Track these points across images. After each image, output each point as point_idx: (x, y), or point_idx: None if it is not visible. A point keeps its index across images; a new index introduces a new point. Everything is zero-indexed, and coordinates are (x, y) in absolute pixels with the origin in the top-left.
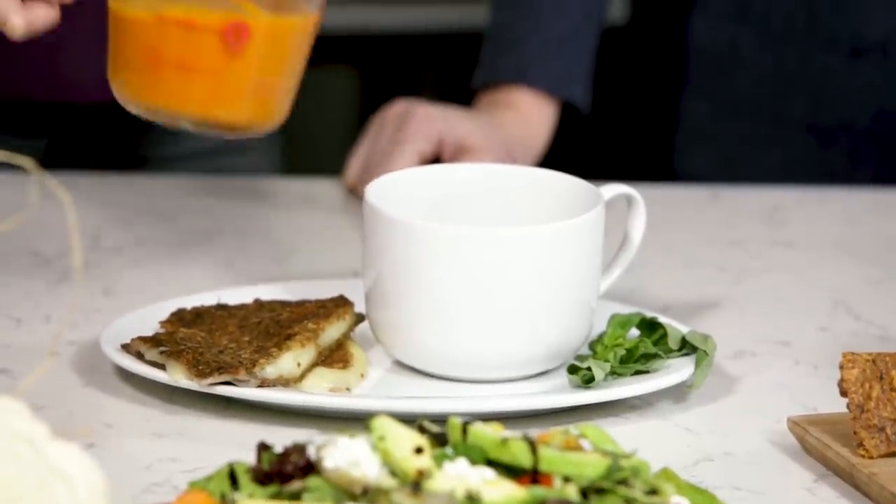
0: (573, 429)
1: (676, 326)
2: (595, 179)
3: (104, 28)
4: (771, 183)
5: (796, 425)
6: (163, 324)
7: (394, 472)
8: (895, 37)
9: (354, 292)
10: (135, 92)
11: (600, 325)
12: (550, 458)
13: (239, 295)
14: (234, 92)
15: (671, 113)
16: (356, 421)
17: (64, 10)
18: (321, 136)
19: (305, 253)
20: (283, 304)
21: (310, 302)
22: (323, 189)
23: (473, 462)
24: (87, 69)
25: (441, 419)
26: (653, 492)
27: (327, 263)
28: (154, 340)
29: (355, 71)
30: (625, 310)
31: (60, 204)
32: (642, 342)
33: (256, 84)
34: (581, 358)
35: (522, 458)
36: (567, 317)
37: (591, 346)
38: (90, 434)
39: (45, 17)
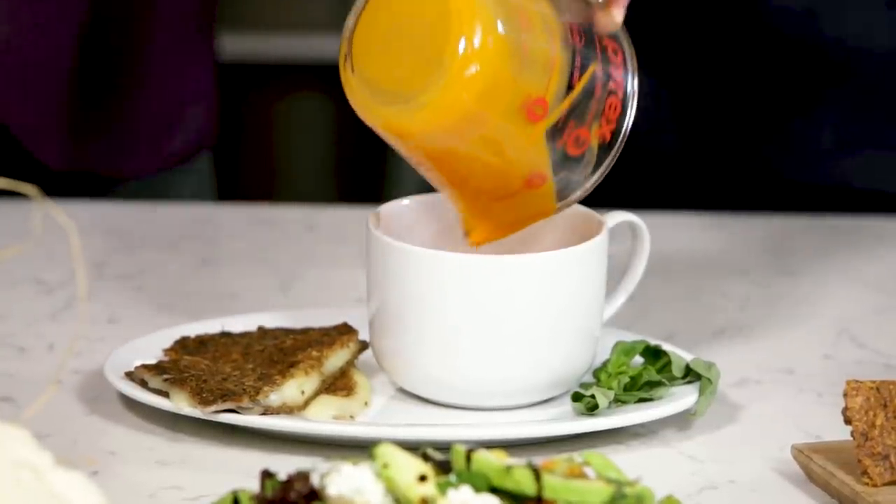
0: (577, 456)
1: (680, 354)
2: (598, 207)
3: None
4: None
5: (800, 453)
6: (166, 351)
7: (398, 500)
8: None
9: (358, 320)
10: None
11: (604, 353)
12: (554, 485)
13: (242, 322)
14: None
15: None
16: (360, 448)
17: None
18: (297, 164)
19: (309, 280)
20: (287, 332)
21: (313, 329)
22: (325, 216)
23: (477, 490)
24: None
25: (445, 447)
26: None
27: (331, 291)
28: (158, 368)
29: (331, 101)
30: (628, 337)
31: (64, 232)
32: (646, 370)
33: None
34: (585, 385)
35: (526, 485)
36: (571, 344)
37: (595, 373)
38: (94, 462)
39: None
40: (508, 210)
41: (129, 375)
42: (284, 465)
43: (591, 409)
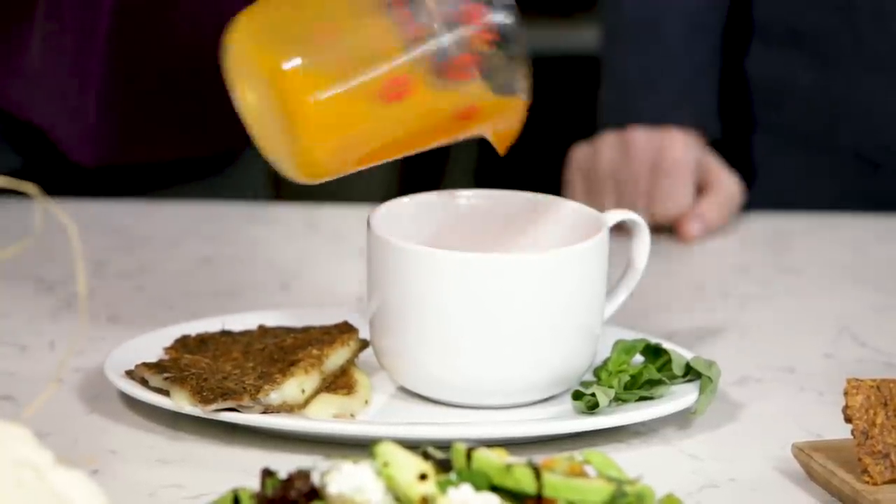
0: (577, 455)
1: (681, 352)
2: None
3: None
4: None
5: (801, 452)
6: (167, 350)
7: (398, 499)
8: None
9: (358, 319)
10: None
11: (605, 351)
12: (555, 484)
13: (243, 321)
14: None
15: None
16: (360, 447)
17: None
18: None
19: (309, 279)
20: (288, 331)
21: (314, 328)
22: (325, 215)
23: (478, 488)
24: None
25: (445, 445)
26: None
27: (331, 290)
28: (158, 367)
29: None
30: (629, 336)
31: (64, 230)
32: (647, 368)
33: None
34: (585, 384)
35: (527, 484)
36: (571, 343)
37: (596, 372)
38: (95, 461)
39: None
40: (480, 130)
41: (130, 374)
42: (285, 463)
43: (592, 408)
